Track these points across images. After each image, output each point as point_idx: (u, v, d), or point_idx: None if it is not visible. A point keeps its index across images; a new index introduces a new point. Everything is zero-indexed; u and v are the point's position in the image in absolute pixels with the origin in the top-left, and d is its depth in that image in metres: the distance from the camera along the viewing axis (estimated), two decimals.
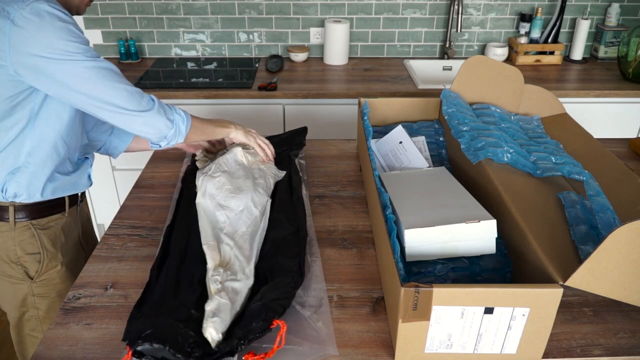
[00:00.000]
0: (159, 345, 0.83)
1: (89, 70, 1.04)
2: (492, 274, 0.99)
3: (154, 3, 2.50)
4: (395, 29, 2.61)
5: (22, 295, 1.27)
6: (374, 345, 0.91)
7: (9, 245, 1.20)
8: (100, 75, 1.05)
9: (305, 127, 1.56)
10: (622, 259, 0.79)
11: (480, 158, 1.18)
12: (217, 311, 0.90)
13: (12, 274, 1.23)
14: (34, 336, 1.32)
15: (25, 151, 1.12)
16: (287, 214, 1.20)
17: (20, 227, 1.19)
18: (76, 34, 1.03)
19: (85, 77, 1.03)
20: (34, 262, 1.23)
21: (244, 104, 2.19)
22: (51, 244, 1.25)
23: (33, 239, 1.21)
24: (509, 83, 1.47)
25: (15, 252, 1.21)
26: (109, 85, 1.06)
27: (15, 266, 1.22)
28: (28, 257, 1.22)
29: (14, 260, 1.22)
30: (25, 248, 1.21)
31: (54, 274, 1.27)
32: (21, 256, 1.22)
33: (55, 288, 1.28)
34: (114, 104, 1.07)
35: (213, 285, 0.96)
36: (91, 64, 1.04)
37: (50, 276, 1.26)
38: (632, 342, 0.92)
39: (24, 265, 1.23)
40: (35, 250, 1.22)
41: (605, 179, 1.12)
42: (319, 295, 1.00)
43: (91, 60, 1.04)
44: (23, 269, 1.23)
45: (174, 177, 1.46)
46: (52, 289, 1.27)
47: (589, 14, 2.59)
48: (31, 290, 1.26)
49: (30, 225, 1.20)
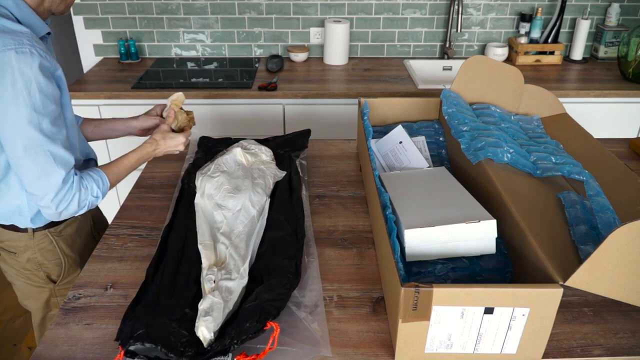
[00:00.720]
0: (150, 344, 0.83)
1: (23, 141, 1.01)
2: (492, 274, 0.99)
3: (154, 3, 2.50)
4: (395, 29, 2.61)
5: (45, 297, 1.32)
6: (374, 345, 0.91)
7: (30, 254, 1.25)
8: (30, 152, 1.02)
9: (308, 129, 1.57)
10: (622, 259, 0.79)
11: (480, 158, 1.18)
12: (210, 310, 0.90)
13: (35, 280, 1.29)
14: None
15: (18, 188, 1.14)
16: (286, 215, 1.20)
17: (38, 236, 1.23)
18: (35, 95, 0.99)
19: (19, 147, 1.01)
20: (55, 267, 1.29)
21: (244, 104, 2.19)
22: (69, 249, 1.29)
23: (52, 246, 1.26)
24: (509, 83, 1.47)
25: (36, 259, 1.26)
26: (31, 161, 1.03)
27: (38, 272, 1.28)
28: (49, 263, 1.28)
29: (36, 267, 1.27)
30: (45, 255, 1.26)
31: (75, 276, 1.32)
32: (42, 263, 1.27)
33: None
34: (25, 179, 1.06)
35: (207, 285, 0.96)
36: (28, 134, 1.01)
37: (72, 279, 1.32)
38: (632, 342, 0.92)
39: (46, 271, 1.28)
40: (55, 257, 1.28)
41: (605, 179, 1.12)
42: (315, 297, 1.00)
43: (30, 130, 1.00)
44: (45, 274, 1.29)
45: (174, 177, 1.46)
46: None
47: (589, 14, 2.59)
48: (54, 292, 1.32)
49: (47, 234, 1.24)
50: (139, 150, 1.25)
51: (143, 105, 2.06)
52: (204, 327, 0.87)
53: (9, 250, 1.25)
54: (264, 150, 1.41)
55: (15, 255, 1.25)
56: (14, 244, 1.23)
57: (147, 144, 1.26)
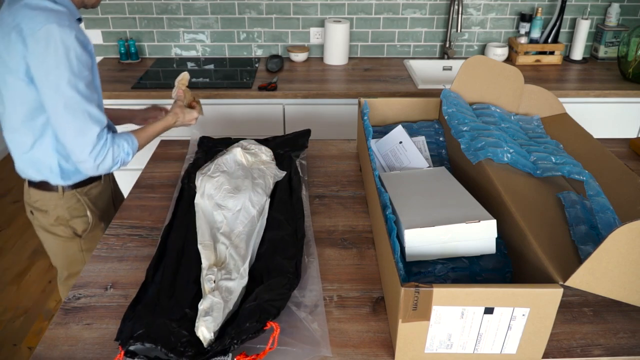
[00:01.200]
0: (150, 344, 0.83)
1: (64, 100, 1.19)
2: (492, 274, 0.99)
3: (154, 3, 2.50)
4: (395, 29, 2.61)
5: (72, 252, 1.49)
6: (374, 345, 0.91)
7: (59, 211, 1.42)
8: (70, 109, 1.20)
9: (308, 129, 1.57)
10: (622, 259, 0.79)
11: (480, 158, 1.18)
12: (210, 310, 0.90)
13: (62, 234, 1.46)
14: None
15: (56, 149, 1.32)
16: (286, 215, 1.20)
17: (67, 195, 1.41)
18: (73, 61, 1.18)
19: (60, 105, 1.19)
20: (81, 223, 1.46)
21: (244, 104, 2.19)
22: (94, 206, 1.47)
23: (79, 204, 1.43)
24: (509, 83, 1.47)
25: (64, 216, 1.43)
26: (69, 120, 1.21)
27: (65, 228, 1.44)
28: (76, 219, 1.44)
29: (63, 223, 1.44)
30: (72, 212, 1.43)
31: (99, 232, 1.49)
32: (69, 219, 1.44)
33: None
34: (66, 136, 1.23)
35: (207, 285, 0.97)
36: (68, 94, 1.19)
37: (96, 234, 1.49)
38: (632, 342, 0.92)
39: (73, 227, 1.45)
40: (81, 213, 1.45)
41: (605, 179, 1.12)
42: (315, 297, 1.00)
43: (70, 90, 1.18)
44: (72, 230, 1.45)
45: (174, 177, 1.46)
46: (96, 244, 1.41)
47: (589, 14, 2.59)
48: (80, 246, 1.48)
49: (75, 193, 1.42)
50: (164, 121, 1.47)
51: (143, 105, 2.06)
52: (204, 327, 0.87)
53: (41, 209, 1.42)
54: (264, 150, 1.41)
55: (46, 213, 1.42)
56: (45, 202, 1.40)
57: (170, 116, 1.49)
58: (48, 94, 1.19)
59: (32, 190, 1.41)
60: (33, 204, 1.43)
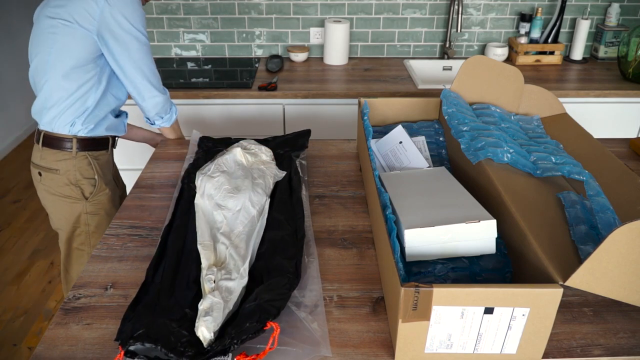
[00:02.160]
0: (150, 344, 0.83)
1: (143, 47, 1.44)
2: (492, 274, 0.99)
3: (154, 3, 2.50)
4: (395, 29, 2.61)
5: (77, 213, 1.54)
6: (374, 345, 0.91)
7: (70, 171, 1.49)
8: (146, 52, 1.45)
9: (308, 129, 1.57)
10: (622, 259, 0.79)
11: (480, 158, 1.18)
12: (210, 310, 0.90)
13: (70, 195, 1.51)
14: (81, 249, 1.59)
15: (91, 101, 1.45)
16: (286, 215, 1.20)
17: (79, 156, 1.49)
18: (142, 14, 1.42)
19: (139, 52, 1.43)
20: (89, 186, 1.52)
21: (244, 104, 2.19)
22: (102, 171, 1.55)
23: (89, 167, 1.51)
24: (509, 83, 1.47)
25: (75, 176, 1.49)
26: (149, 62, 1.47)
27: (74, 188, 1.51)
28: (85, 180, 1.51)
29: (73, 183, 1.50)
30: (83, 173, 1.50)
31: (103, 196, 1.56)
32: (79, 179, 1.50)
33: (103, 207, 1.56)
34: (146, 79, 1.47)
35: (207, 285, 0.97)
36: (144, 41, 1.44)
37: (100, 198, 1.55)
38: (632, 342, 0.92)
39: (81, 187, 1.51)
40: (90, 175, 1.52)
41: (605, 179, 1.12)
42: (315, 297, 1.00)
43: (144, 38, 1.44)
44: (80, 190, 1.51)
45: (174, 177, 1.46)
46: (102, 208, 1.56)
47: (589, 14, 2.59)
48: (85, 208, 1.54)
49: (87, 155, 1.50)
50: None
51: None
52: (204, 327, 0.87)
53: (52, 168, 1.48)
54: (264, 150, 1.41)
55: (58, 172, 1.48)
56: (58, 162, 1.47)
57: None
58: (127, 38, 1.39)
59: (45, 150, 1.47)
60: (44, 165, 1.49)
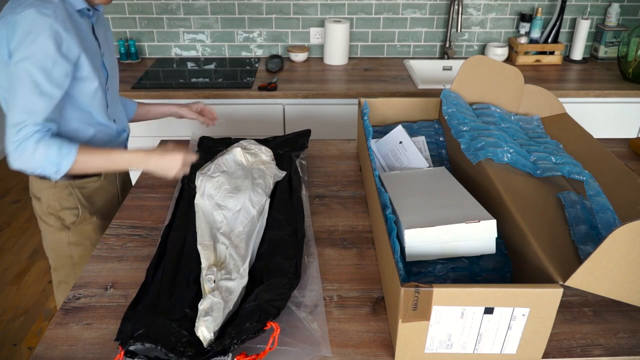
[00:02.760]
0: (150, 344, 0.83)
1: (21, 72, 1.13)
2: (492, 274, 0.99)
3: (154, 3, 2.50)
4: (395, 29, 2.61)
5: (60, 242, 1.45)
6: (374, 345, 0.91)
7: (51, 201, 1.39)
8: (22, 79, 1.13)
9: (308, 129, 1.57)
10: (622, 259, 0.79)
11: (480, 158, 1.18)
12: (210, 310, 0.90)
13: (52, 224, 1.42)
14: (66, 282, 1.50)
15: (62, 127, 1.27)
16: (286, 215, 1.20)
17: (60, 185, 1.37)
18: (43, 42, 1.12)
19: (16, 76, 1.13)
20: (70, 215, 1.41)
21: (244, 104, 2.19)
22: (86, 200, 1.42)
23: (71, 197, 1.39)
24: (509, 83, 1.47)
25: (54, 206, 1.39)
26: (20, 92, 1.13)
27: (55, 218, 1.41)
28: (65, 210, 1.40)
29: (53, 213, 1.40)
30: (62, 203, 1.39)
31: (89, 225, 1.44)
32: (59, 210, 1.40)
33: (89, 238, 1.45)
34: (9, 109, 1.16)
35: (207, 285, 0.97)
36: (26, 67, 1.12)
37: (85, 227, 1.44)
38: (632, 342, 0.92)
39: (61, 217, 1.41)
40: (72, 205, 1.40)
41: (605, 179, 1.12)
42: (315, 297, 1.00)
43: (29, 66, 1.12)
44: (60, 221, 1.41)
45: None
46: (87, 238, 1.45)
47: (589, 14, 2.59)
48: (68, 238, 1.44)
49: (69, 185, 1.38)
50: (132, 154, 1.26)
51: None
52: (204, 327, 0.87)
53: (36, 196, 1.40)
54: (264, 150, 1.41)
55: (40, 201, 1.40)
56: (40, 190, 1.38)
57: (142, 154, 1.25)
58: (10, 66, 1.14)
59: (31, 177, 1.39)
60: (32, 191, 1.42)
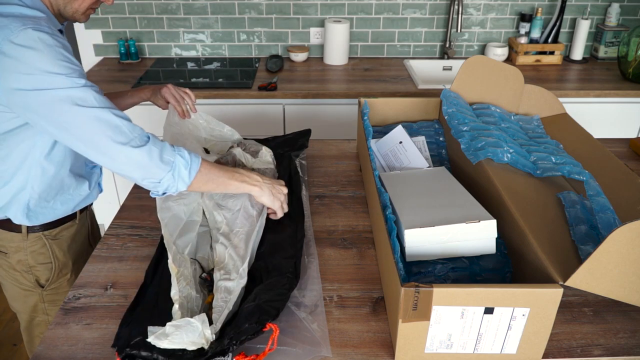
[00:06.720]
0: (147, 353, 0.83)
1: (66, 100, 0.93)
2: (492, 274, 0.99)
3: (154, 3, 2.50)
4: (395, 29, 2.61)
5: (33, 302, 1.29)
6: (374, 345, 0.91)
7: (21, 255, 1.22)
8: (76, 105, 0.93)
9: (308, 129, 1.57)
10: (622, 259, 0.79)
11: (480, 158, 1.18)
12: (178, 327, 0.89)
13: (23, 282, 1.26)
14: (42, 334, 1.31)
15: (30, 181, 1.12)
16: (286, 215, 1.20)
17: (32, 238, 1.21)
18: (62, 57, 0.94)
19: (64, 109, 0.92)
20: (45, 271, 1.26)
21: (244, 104, 2.19)
22: (62, 253, 1.27)
23: (44, 249, 1.23)
24: (509, 83, 1.47)
25: (27, 262, 1.23)
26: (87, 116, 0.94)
27: (27, 275, 1.25)
28: (40, 266, 1.25)
29: (26, 270, 1.24)
30: (36, 258, 1.23)
31: (64, 282, 1.30)
32: (33, 266, 1.24)
33: (64, 295, 1.29)
34: (90, 140, 0.95)
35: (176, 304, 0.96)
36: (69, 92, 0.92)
37: (61, 284, 1.29)
38: (632, 342, 0.92)
39: (36, 275, 1.25)
40: (46, 260, 1.25)
41: (605, 179, 1.12)
42: (315, 297, 1.00)
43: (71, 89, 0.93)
44: (34, 278, 1.26)
45: None
46: (62, 296, 1.30)
47: (589, 14, 2.59)
48: (42, 297, 1.29)
49: (42, 236, 1.22)
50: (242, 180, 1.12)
51: (143, 105, 2.05)
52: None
53: (1, 250, 1.22)
54: (264, 150, 1.41)
55: (6, 256, 1.22)
56: (6, 243, 1.20)
57: (253, 177, 1.13)
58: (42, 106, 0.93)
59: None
60: None
